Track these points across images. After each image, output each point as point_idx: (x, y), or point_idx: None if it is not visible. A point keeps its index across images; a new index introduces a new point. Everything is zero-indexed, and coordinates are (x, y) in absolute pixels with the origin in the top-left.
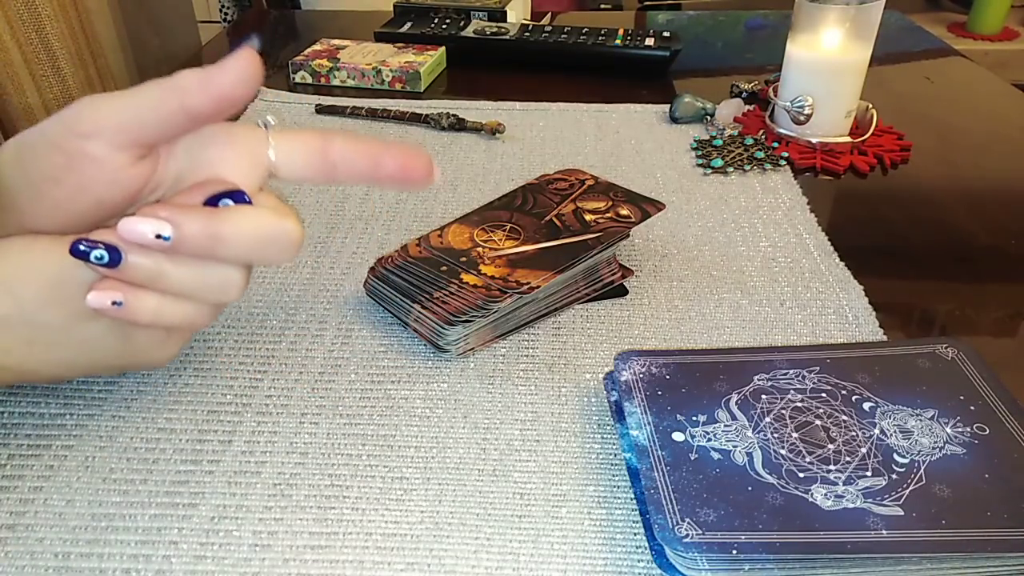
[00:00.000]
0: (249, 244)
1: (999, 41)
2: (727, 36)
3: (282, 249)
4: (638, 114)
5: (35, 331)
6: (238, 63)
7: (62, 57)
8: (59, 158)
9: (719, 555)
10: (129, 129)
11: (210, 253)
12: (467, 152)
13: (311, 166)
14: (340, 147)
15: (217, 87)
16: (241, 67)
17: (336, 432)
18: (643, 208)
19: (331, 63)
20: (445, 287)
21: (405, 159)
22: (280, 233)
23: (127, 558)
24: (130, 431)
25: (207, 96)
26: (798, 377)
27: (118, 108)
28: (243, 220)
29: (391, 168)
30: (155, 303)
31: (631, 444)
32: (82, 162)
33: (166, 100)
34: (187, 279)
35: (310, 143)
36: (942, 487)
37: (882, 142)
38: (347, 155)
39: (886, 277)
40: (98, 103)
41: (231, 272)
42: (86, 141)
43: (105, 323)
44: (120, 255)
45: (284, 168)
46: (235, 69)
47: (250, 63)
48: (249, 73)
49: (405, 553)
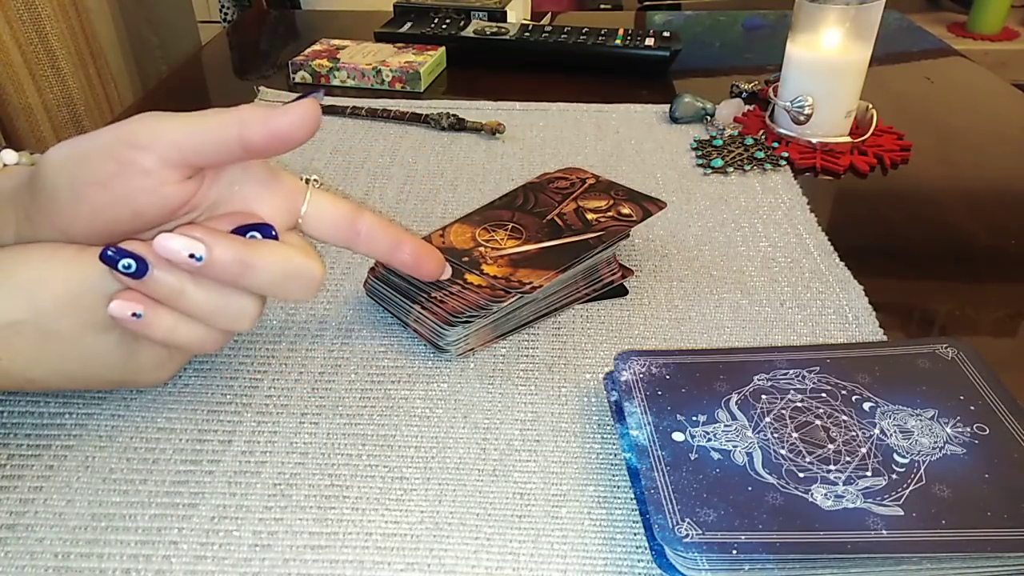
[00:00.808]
0: (274, 277)
1: (999, 41)
2: (727, 36)
3: (303, 286)
4: (638, 114)
5: (46, 340)
6: (302, 109)
7: (62, 57)
8: (111, 165)
9: (719, 555)
10: (184, 148)
11: (235, 281)
12: (467, 152)
13: (337, 232)
14: (368, 224)
15: (277, 126)
16: (304, 112)
17: (336, 432)
18: (644, 207)
19: (331, 63)
20: (447, 287)
21: (420, 253)
22: (304, 270)
23: (127, 558)
24: (130, 431)
25: (266, 132)
26: (798, 377)
27: (177, 127)
28: (272, 253)
29: (406, 257)
30: (171, 321)
31: (631, 444)
32: (131, 172)
33: (226, 127)
34: (206, 302)
35: (342, 211)
36: (942, 487)
37: (882, 142)
38: (372, 233)
39: (886, 277)
40: (159, 119)
41: (248, 302)
42: (140, 152)
43: (115, 338)
44: (147, 267)
45: (311, 225)
46: (298, 114)
47: (312, 111)
48: (309, 120)
49: (405, 553)
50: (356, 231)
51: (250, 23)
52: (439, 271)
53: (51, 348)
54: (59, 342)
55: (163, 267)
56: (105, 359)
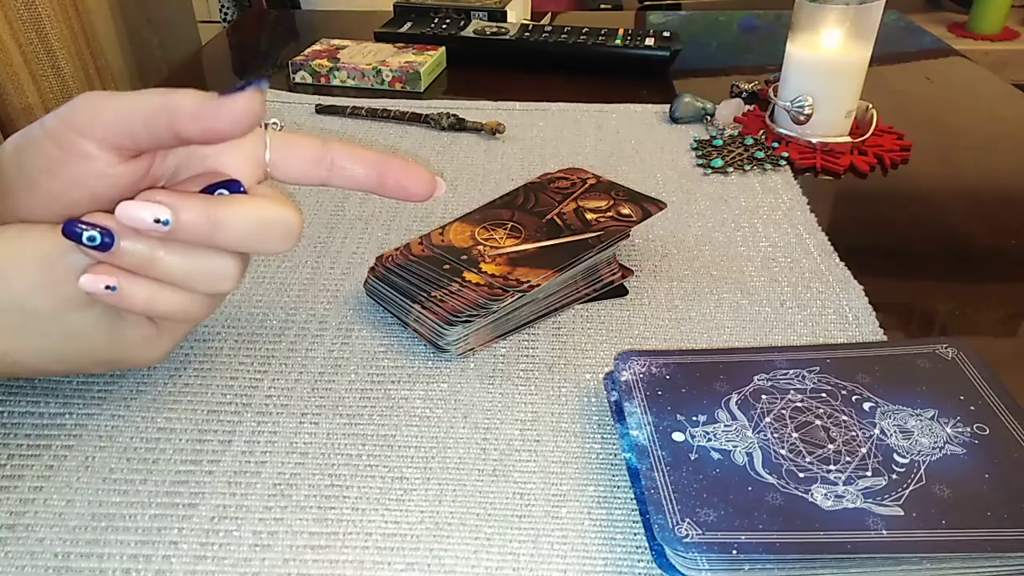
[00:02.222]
0: (247, 230)
1: (999, 41)
2: (726, 36)
3: (281, 236)
4: (638, 114)
5: (24, 318)
6: (237, 105)
7: (62, 57)
8: (54, 151)
9: (719, 555)
10: (118, 134)
11: (208, 240)
12: (467, 152)
13: (307, 169)
14: (338, 153)
15: (211, 123)
16: (240, 109)
17: (336, 432)
18: (644, 207)
19: (331, 63)
20: (446, 286)
21: (403, 173)
22: (278, 219)
23: (127, 558)
24: (130, 431)
25: (198, 128)
26: (798, 377)
27: (112, 111)
28: (241, 206)
29: (389, 182)
30: (149, 291)
31: (631, 444)
32: (75, 157)
33: (159, 117)
34: (182, 267)
35: (308, 147)
36: (942, 487)
37: (882, 142)
38: (344, 162)
39: (886, 277)
40: (94, 101)
41: (227, 262)
42: (80, 137)
43: (95, 313)
44: (113, 238)
45: (279, 169)
46: (233, 110)
47: (250, 108)
48: (246, 117)
49: (405, 553)
50: (327, 164)
51: (250, 23)
52: (430, 188)
53: (31, 327)
54: (38, 320)
55: (130, 236)
56: (89, 336)
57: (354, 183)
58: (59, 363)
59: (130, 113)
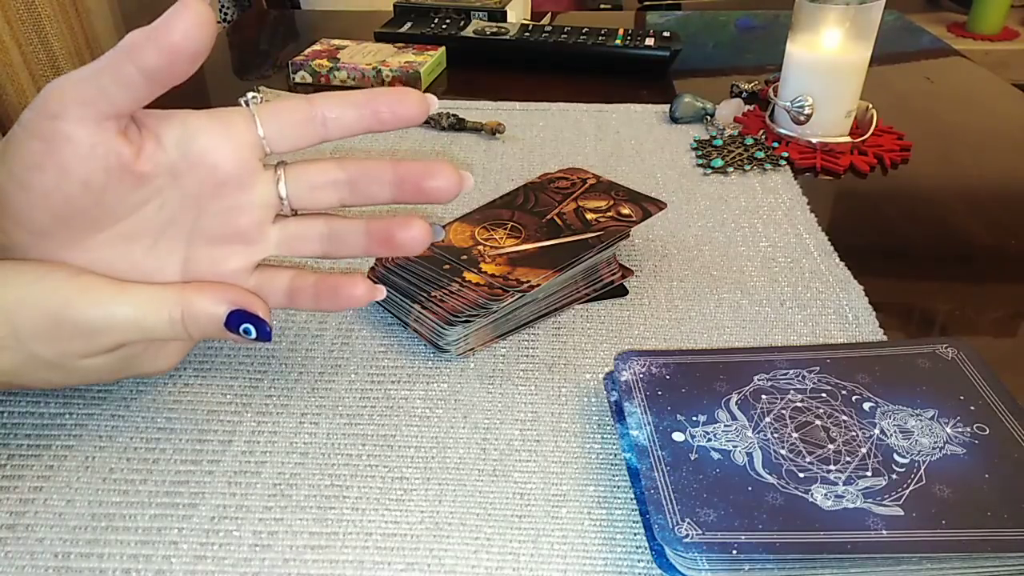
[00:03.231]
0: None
1: (999, 41)
2: (726, 36)
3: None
4: (638, 114)
5: (30, 358)
6: (185, 12)
7: (62, 57)
8: (37, 144)
9: (719, 555)
10: (92, 100)
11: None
12: (467, 152)
13: (301, 131)
14: (323, 104)
15: (166, 40)
16: (187, 17)
17: (336, 432)
18: (644, 207)
19: (331, 63)
20: (446, 286)
21: (395, 102)
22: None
23: (127, 558)
24: (130, 431)
25: (157, 52)
26: (798, 377)
27: (77, 82)
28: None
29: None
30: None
31: (631, 444)
32: (58, 143)
33: (120, 63)
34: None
35: (295, 110)
36: (942, 487)
37: (882, 142)
38: (333, 109)
39: (886, 277)
40: (59, 82)
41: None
42: (56, 121)
43: (103, 358)
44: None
45: (275, 141)
46: (181, 20)
47: (195, 12)
48: (198, 22)
49: (405, 553)
50: (320, 119)
51: (250, 23)
52: (423, 107)
53: (37, 365)
54: (44, 362)
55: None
56: (95, 372)
57: (351, 129)
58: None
59: (92, 74)
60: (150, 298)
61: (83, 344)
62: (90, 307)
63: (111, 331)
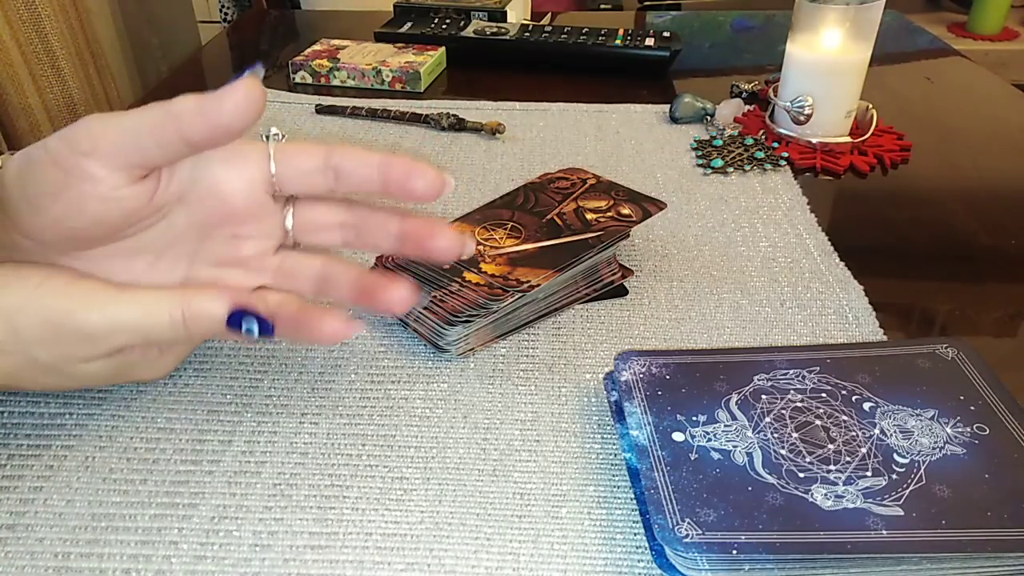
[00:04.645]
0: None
1: (999, 41)
2: (726, 36)
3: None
4: (638, 114)
5: (29, 361)
6: (238, 94)
7: (62, 57)
8: (57, 174)
9: (719, 555)
10: (127, 152)
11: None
12: (467, 152)
13: (312, 179)
14: (342, 155)
15: (215, 117)
16: (241, 98)
17: (336, 432)
18: (644, 207)
19: (331, 63)
20: (446, 286)
21: (410, 169)
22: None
23: (127, 558)
24: (130, 431)
25: (205, 126)
26: (798, 377)
27: (117, 129)
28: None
29: (394, 177)
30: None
31: (631, 444)
32: (79, 180)
33: (164, 126)
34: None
35: (312, 154)
36: (942, 487)
37: (882, 142)
38: (349, 163)
39: (886, 277)
40: (99, 122)
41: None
42: (84, 159)
43: (100, 363)
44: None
45: (285, 183)
46: (234, 100)
47: (251, 94)
48: (249, 104)
49: (405, 553)
50: (333, 172)
51: (250, 23)
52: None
53: (36, 368)
54: (43, 366)
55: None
56: (94, 376)
57: (360, 188)
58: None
59: (135, 129)
60: (151, 300)
61: (84, 348)
62: (92, 310)
63: (112, 334)
